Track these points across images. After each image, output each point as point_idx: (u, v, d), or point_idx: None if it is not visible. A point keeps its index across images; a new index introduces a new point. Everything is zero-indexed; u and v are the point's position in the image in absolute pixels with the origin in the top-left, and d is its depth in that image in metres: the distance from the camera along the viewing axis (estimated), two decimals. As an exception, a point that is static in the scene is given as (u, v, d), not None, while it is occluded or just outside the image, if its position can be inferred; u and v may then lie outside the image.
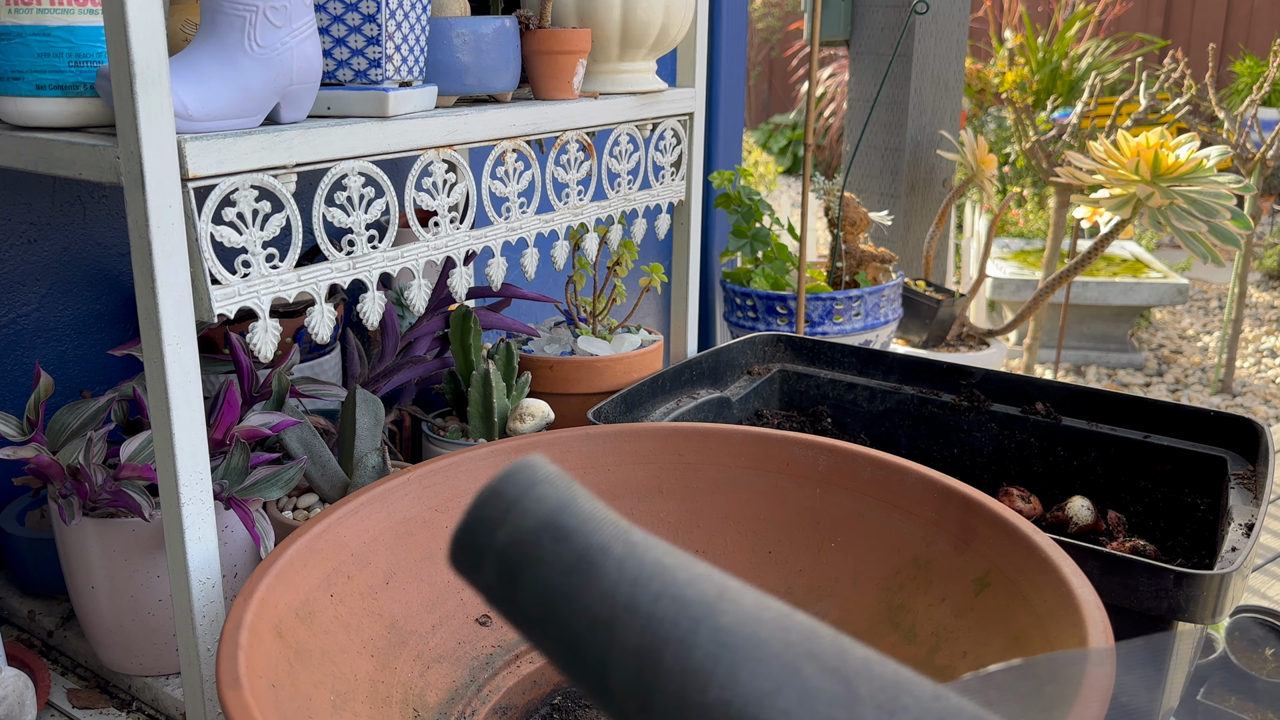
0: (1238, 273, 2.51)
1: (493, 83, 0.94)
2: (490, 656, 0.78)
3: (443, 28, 0.90)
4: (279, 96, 0.76)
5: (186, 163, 0.68)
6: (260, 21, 0.73)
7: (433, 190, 0.87)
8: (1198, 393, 2.76)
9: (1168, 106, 2.22)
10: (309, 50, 0.77)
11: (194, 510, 0.72)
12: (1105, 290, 2.86)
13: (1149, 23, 4.77)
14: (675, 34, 1.06)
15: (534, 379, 1.18)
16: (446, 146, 0.87)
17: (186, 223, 0.69)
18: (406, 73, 0.85)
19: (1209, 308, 3.50)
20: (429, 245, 0.88)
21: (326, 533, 0.72)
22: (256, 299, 0.74)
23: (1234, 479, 0.91)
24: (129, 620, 0.86)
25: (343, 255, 0.80)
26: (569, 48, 0.97)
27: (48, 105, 0.75)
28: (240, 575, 0.89)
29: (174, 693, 0.88)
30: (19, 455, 0.82)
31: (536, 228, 1.00)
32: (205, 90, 0.71)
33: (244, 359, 0.93)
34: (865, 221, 1.75)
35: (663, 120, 1.14)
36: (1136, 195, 1.59)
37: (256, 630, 0.62)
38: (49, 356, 1.05)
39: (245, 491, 0.84)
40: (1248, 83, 3.61)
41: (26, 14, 0.74)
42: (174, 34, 0.83)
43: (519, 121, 0.94)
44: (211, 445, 0.85)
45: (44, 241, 1.03)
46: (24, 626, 1.00)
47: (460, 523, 0.30)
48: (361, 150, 0.79)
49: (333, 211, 0.79)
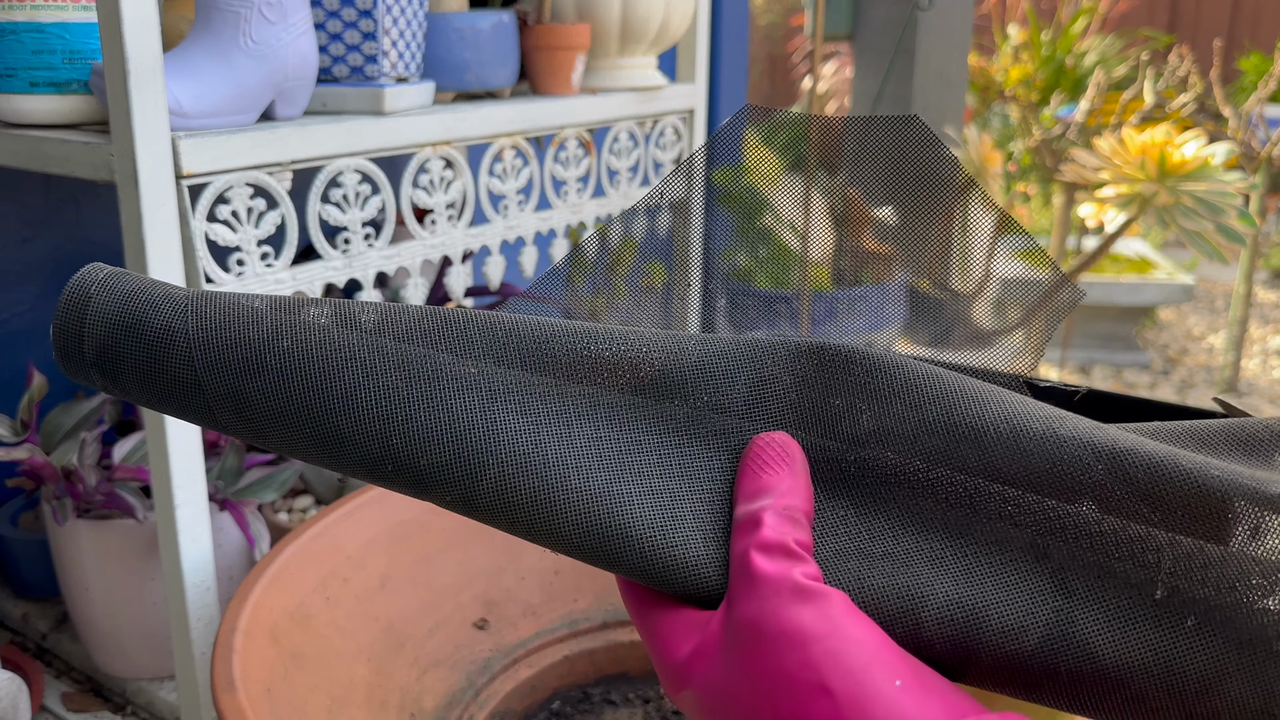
0: (1244, 272, 2.50)
1: (491, 79, 0.93)
2: (488, 661, 0.77)
3: (440, 23, 0.89)
4: (274, 93, 0.75)
5: (181, 160, 0.67)
6: (255, 17, 0.72)
7: (429, 188, 0.86)
8: (1204, 392, 2.75)
9: (1173, 103, 2.20)
10: (304, 46, 0.76)
11: (188, 512, 0.71)
12: (1111, 290, 2.84)
13: (1154, 18, 4.75)
14: (676, 29, 1.05)
15: (534, 378, 1.17)
16: (444, 143, 0.86)
17: (181, 221, 0.68)
18: (403, 69, 0.84)
19: (1215, 307, 3.48)
20: (426, 243, 0.87)
21: (322, 535, 0.71)
22: (251, 298, 0.73)
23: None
24: (123, 623, 0.86)
25: (338, 254, 0.79)
26: (568, 43, 0.96)
27: (41, 102, 0.74)
28: (235, 578, 0.88)
29: (169, 696, 0.87)
30: (12, 456, 0.81)
31: (535, 226, 0.99)
32: (200, 87, 0.70)
33: (240, 359, 0.92)
34: (868, 219, 1.74)
35: (663, 117, 1.13)
36: (1142, 193, 1.58)
37: (251, 634, 0.62)
38: (42, 357, 1.04)
39: (240, 493, 0.84)
40: (1254, 79, 3.60)
41: (20, 10, 0.73)
42: (169, 29, 0.82)
43: (517, 118, 0.93)
44: (205, 446, 0.84)
45: (38, 240, 1.02)
46: (17, 629, 0.99)
47: (53, 343, 0.34)
48: (357, 147, 0.78)
49: (328, 209, 0.78)
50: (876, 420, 0.31)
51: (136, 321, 0.32)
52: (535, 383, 0.32)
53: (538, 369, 0.32)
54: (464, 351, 0.32)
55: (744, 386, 0.33)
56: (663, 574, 0.31)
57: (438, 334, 0.32)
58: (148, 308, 0.32)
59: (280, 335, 0.32)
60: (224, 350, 0.32)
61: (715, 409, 0.32)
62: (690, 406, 0.32)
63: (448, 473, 0.31)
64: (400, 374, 0.31)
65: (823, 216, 1.59)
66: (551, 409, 0.32)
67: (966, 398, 0.31)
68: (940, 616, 0.29)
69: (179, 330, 0.32)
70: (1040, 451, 0.29)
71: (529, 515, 0.31)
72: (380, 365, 0.31)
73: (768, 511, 0.29)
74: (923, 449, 0.30)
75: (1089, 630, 0.28)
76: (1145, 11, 4.73)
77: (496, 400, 0.31)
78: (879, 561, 0.30)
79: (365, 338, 0.32)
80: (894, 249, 0.42)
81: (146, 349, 0.32)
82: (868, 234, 1.76)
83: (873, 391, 0.32)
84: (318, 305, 0.33)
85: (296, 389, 0.31)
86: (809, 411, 0.32)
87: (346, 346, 0.32)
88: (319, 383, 0.31)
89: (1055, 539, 0.29)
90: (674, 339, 0.33)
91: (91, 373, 0.33)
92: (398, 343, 0.32)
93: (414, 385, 0.31)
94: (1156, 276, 2.94)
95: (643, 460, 0.32)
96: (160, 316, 0.32)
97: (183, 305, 0.32)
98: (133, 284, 0.33)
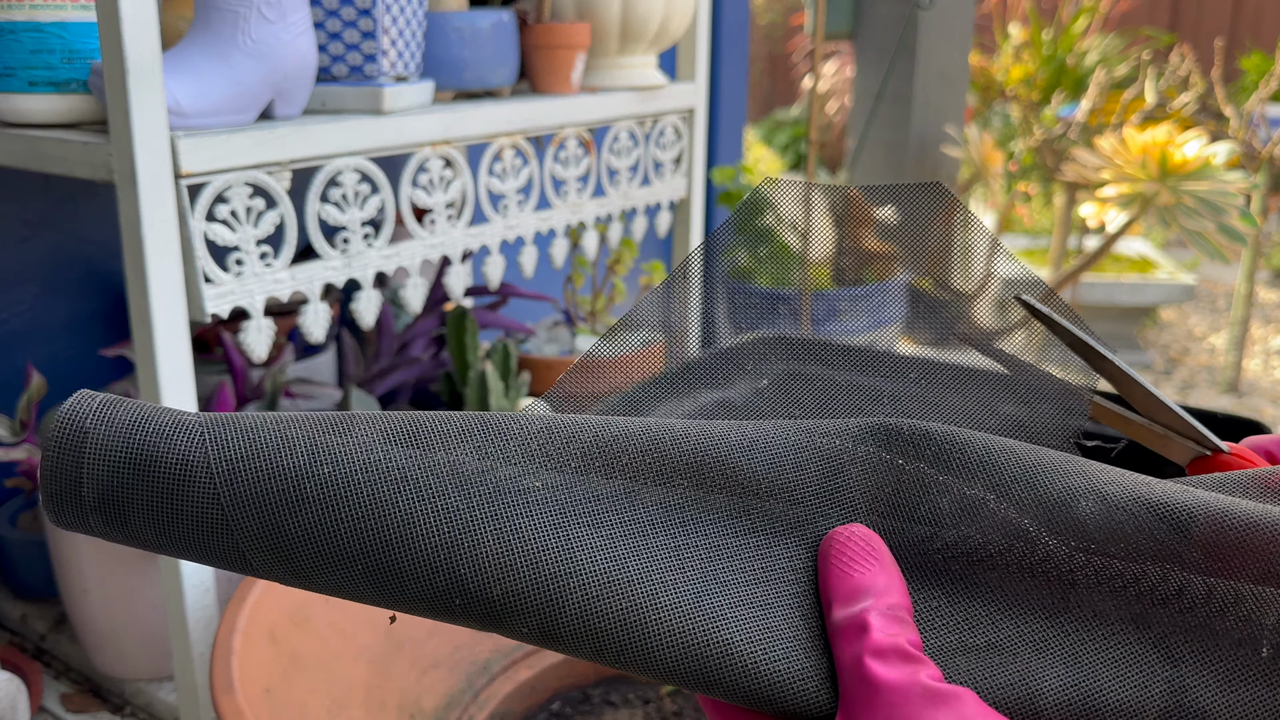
0: (1246, 271, 2.49)
1: (490, 78, 0.92)
2: (487, 662, 0.77)
3: (439, 22, 0.89)
4: (273, 92, 0.75)
5: (179, 160, 0.67)
6: (254, 16, 0.72)
7: (429, 187, 0.86)
8: (1206, 392, 2.74)
9: (1175, 103, 2.20)
10: (304, 45, 0.75)
11: (186, 513, 0.71)
12: (1112, 290, 2.84)
13: (1155, 17, 4.75)
14: (676, 28, 1.04)
15: (532, 379, 1.17)
16: (443, 143, 0.86)
17: (179, 220, 0.68)
18: (403, 68, 0.83)
19: (1217, 307, 3.48)
20: (425, 243, 0.86)
21: (321, 536, 0.71)
22: (250, 298, 0.73)
23: (1244, 481, 0.90)
24: (122, 624, 0.85)
25: (337, 253, 0.79)
26: (568, 42, 0.96)
27: (40, 102, 0.74)
28: (234, 579, 0.88)
29: (168, 697, 0.87)
30: (11, 457, 0.81)
31: (534, 225, 0.99)
32: (199, 86, 0.70)
33: (237, 359, 0.92)
34: (869, 219, 1.73)
35: (663, 116, 1.13)
36: (1144, 193, 1.57)
37: (250, 635, 0.62)
38: (41, 357, 1.04)
39: (240, 493, 0.83)
40: (1255, 79, 3.59)
41: (19, 10, 0.73)
42: (168, 28, 0.82)
43: (517, 117, 0.93)
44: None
45: (36, 240, 1.02)
46: (16, 630, 0.99)
47: (42, 490, 0.29)
48: (357, 146, 0.78)
49: (327, 209, 0.78)
50: (957, 501, 0.30)
51: (146, 456, 0.28)
52: (604, 491, 0.29)
53: (603, 472, 0.30)
54: (521, 460, 0.29)
55: (815, 475, 0.31)
56: (768, 692, 0.28)
57: (489, 443, 0.29)
58: (157, 439, 0.28)
59: (318, 460, 0.28)
60: (255, 483, 0.28)
61: (788, 500, 0.31)
62: (763, 500, 0.31)
63: (524, 602, 0.28)
64: (460, 495, 0.28)
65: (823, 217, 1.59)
66: (625, 519, 0.29)
67: (1048, 471, 0.30)
68: (1058, 705, 0.28)
69: (198, 463, 0.28)
70: (1131, 519, 0.29)
71: (619, 642, 0.28)
72: (437, 486, 0.28)
73: (872, 613, 0.28)
74: (1010, 527, 0.30)
75: (1203, 696, 0.28)
76: (1146, 10, 4.72)
77: (568, 516, 0.29)
78: (985, 654, 0.29)
79: (414, 454, 0.29)
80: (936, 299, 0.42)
81: (161, 488, 0.28)
82: (868, 234, 1.75)
83: (948, 471, 0.31)
84: (349, 420, 0.29)
85: (345, 521, 0.28)
86: (884, 496, 0.31)
87: (396, 467, 0.28)
88: (370, 511, 0.28)
89: (1155, 605, 0.28)
90: (739, 429, 0.32)
91: (92, 519, 0.28)
92: (449, 454, 0.29)
93: (477, 507, 0.28)
94: (1158, 276, 2.93)
95: (727, 567, 0.30)
96: (174, 449, 0.28)
97: (198, 434, 0.28)
98: (133, 412, 0.29)
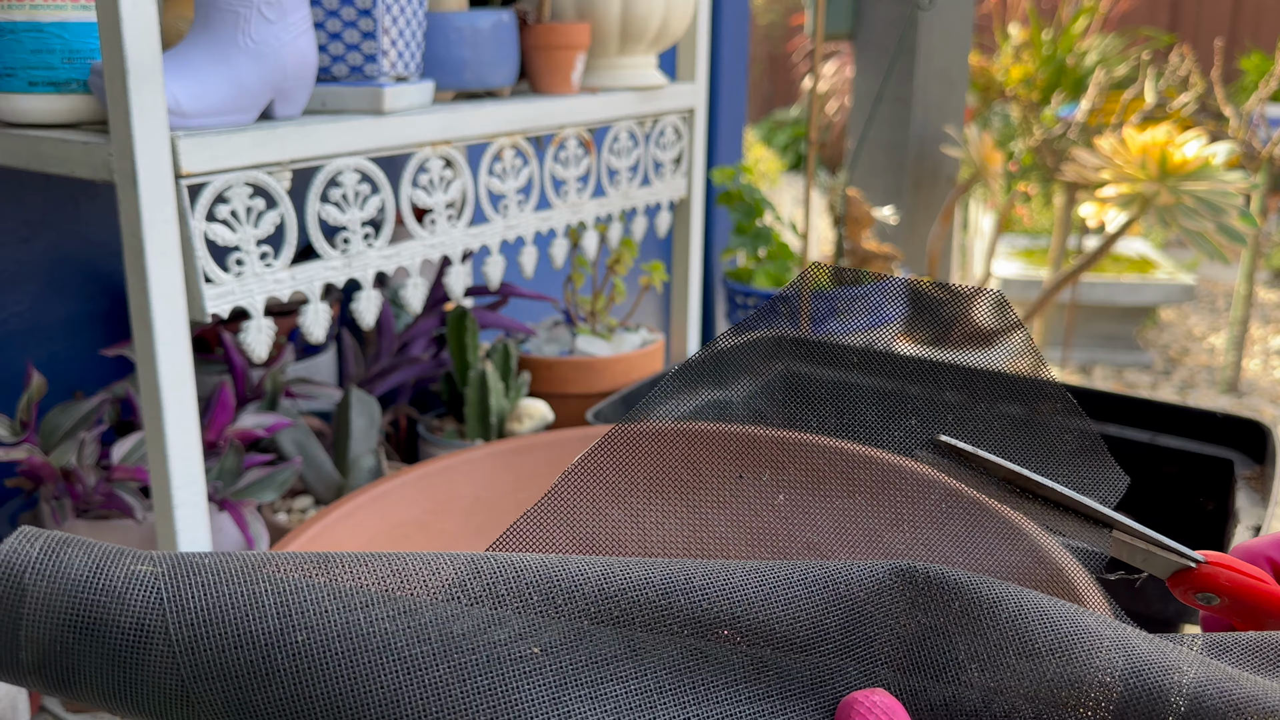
0: (1245, 271, 2.49)
1: (490, 78, 0.93)
2: None
3: (439, 22, 0.89)
4: (273, 92, 0.75)
5: (180, 160, 0.67)
6: (255, 16, 0.72)
7: (429, 187, 0.86)
8: (1205, 393, 2.74)
9: (1174, 103, 2.20)
10: (304, 45, 0.75)
11: (187, 512, 0.71)
12: (1112, 290, 2.84)
13: (1155, 18, 4.75)
14: (676, 28, 1.05)
15: (532, 379, 1.17)
16: (443, 143, 0.86)
17: (179, 220, 0.68)
18: (403, 68, 0.83)
19: (1216, 307, 3.48)
20: (425, 243, 0.87)
21: (321, 536, 0.71)
22: (250, 298, 0.73)
23: (1242, 480, 0.90)
24: (123, 623, 0.85)
25: (337, 253, 0.79)
26: (568, 42, 0.96)
27: (40, 102, 0.74)
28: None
29: (168, 696, 0.87)
30: (11, 457, 0.81)
31: (535, 225, 0.99)
32: (199, 86, 0.70)
33: (237, 359, 0.92)
34: (869, 219, 1.73)
35: (663, 116, 1.13)
36: (1143, 193, 1.57)
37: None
38: (41, 357, 1.04)
39: (239, 494, 0.83)
40: (1255, 79, 3.59)
41: (19, 10, 0.73)
42: (168, 28, 0.82)
43: (517, 117, 0.93)
44: (205, 446, 0.84)
45: (36, 240, 1.02)
46: (18, 628, 0.99)
47: None
48: (357, 146, 0.78)
49: (327, 209, 0.78)
50: (985, 667, 0.29)
51: (94, 620, 0.25)
52: (608, 652, 0.27)
53: (608, 623, 0.28)
54: (517, 618, 0.27)
55: (836, 626, 0.30)
56: None
57: (486, 594, 0.27)
58: (107, 598, 0.25)
59: (291, 625, 0.25)
60: (219, 651, 0.25)
61: (805, 651, 0.29)
62: (778, 651, 0.29)
63: None
64: (450, 666, 0.26)
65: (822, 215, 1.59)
66: (630, 689, 0.27)
67: (1083, 642, 0.29)
68: None
69: (155, 629, 0.25)
70: (1171, 704, 0.28)
71: None
72: (422, 655, 0.25)
73: None
74: (1041, 698, 0.28)
75: None
76: (1146, 11, 4.72)
77: (567, 689, 0.26)
78: None
79: (399, 618, 0.26)
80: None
81: (111, 655, 0.25)
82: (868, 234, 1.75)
83: (976, 633, 0.29)
84: (325, 570, 0.26)
85: (321, 698, 0.25)
86: (906, 650, 0.30)
87: (379, 633, 0.25)
88: (350, 687, 0.25)
89: None
90: (755, 573, 0.30)
91: (30, 680, 0.25)
92: (436, 611, 0.26)
93: (469, 678, 0.26)
94: (1158, 276, 2.93)
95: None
96: (127, 610, 0.25)
97: (154, 591, 0.25)
98: (80, 563, 0.25)
